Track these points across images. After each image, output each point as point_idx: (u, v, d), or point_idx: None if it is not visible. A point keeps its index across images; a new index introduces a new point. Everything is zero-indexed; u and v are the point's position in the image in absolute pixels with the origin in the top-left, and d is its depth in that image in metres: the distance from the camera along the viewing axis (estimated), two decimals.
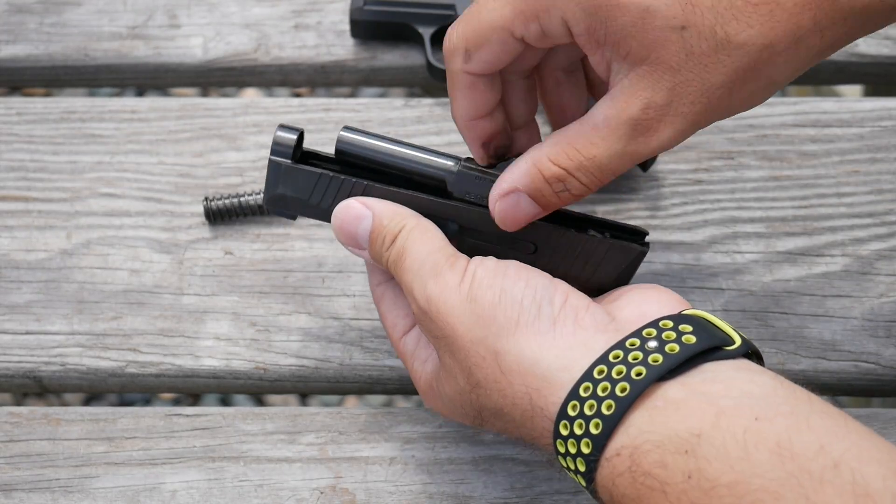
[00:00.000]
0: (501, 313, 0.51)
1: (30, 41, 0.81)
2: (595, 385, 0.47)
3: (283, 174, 0.58)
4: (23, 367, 0.68)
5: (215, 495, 0.63)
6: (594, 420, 0.46)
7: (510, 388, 0.50)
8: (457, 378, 0.53)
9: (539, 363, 0.49)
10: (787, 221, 0.72)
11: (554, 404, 0.48)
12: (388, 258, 0.56)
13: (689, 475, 0.43)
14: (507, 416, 0.51)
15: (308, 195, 0.58)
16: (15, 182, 0.75)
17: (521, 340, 0.50)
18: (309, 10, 0.82)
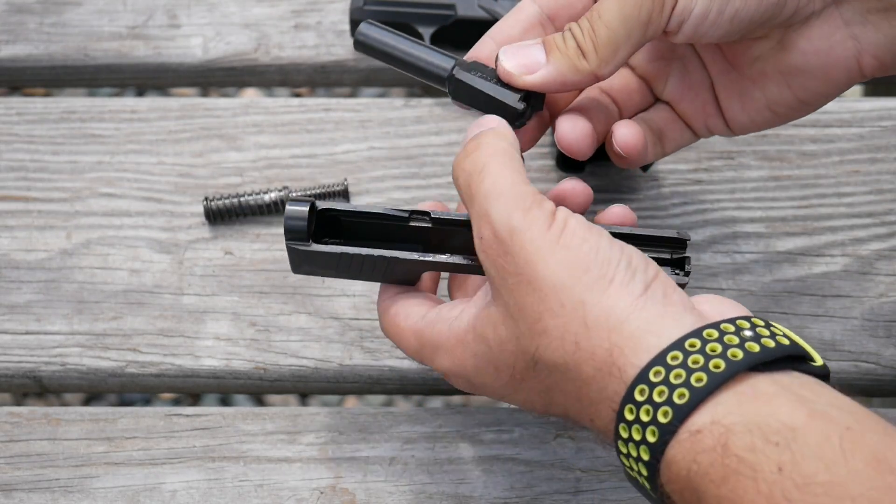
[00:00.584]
0: (596, 267, 0.48)
1: (30, 41, 0.81)
2: (686, 356, 0.45)
3: (305, 256, 0.57)
4: (23, 367, 0.68)
5: (215, 495, 0.63)
6: (679, 390, 0.45)
7: (588, 341, 0.47)
8: (517, 321, 0.50)
9: (628, 322, 0.47)
10: (787, 221, 0.72)
11: (634, 366, 0.46)
12: (465, 168, 0.52)
13: (779, 467, 0.42)
14: (570, 372, 0.48)
15: (334, 268, 0.58)
16: (15, 182, 0.75)
17: (612, 297, 0.48)
18: (309, 10, 0.82)
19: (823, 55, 0.56)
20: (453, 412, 0.66)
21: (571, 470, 0.64)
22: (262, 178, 0.74)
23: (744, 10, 0.53)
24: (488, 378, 0.53)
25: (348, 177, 0.74)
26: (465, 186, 0.52)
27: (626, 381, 0.47)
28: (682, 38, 0.54)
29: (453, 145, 0.75)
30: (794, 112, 0.59)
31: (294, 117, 0.77)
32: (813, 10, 0.55)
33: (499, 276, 0.50)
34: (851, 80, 0.57)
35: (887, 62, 0.56)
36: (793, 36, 0.56)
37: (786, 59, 0.57)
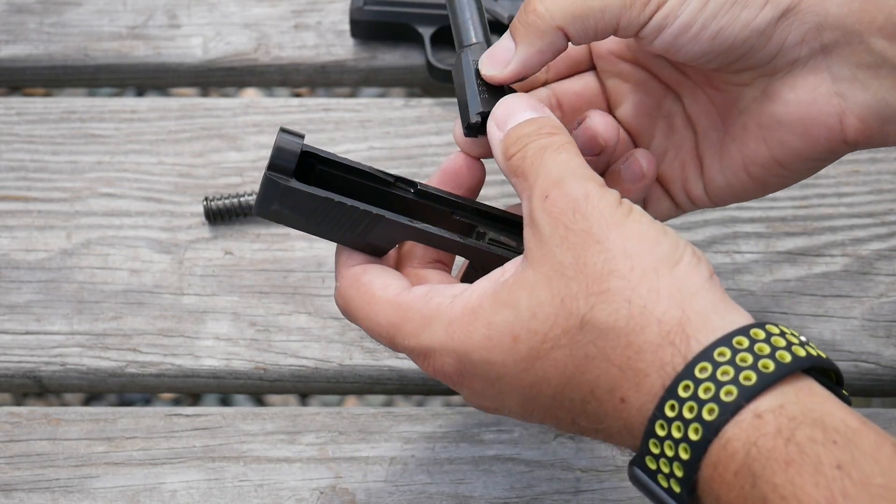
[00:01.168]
0: (667, 245, 0.48)
1: (30, 41, 0.81)
2: (752, 343, 0.45)
3: (282, 193, 0.52)
4: (23, 367, 0.68)
5: (215, 495, 0.63)
6: (746, 372, 0.44)
7: (658, 306, 0.46)
8: (569, 281, 0.48)
9: (698, 299, 0.46)
10: (787, 221, 0.72)
11: (699, 342, 0.46)
12: (538, 142, 0.51)
13: (838, 464, 0.42)
14: (625, 337, 0.47)
15: (307, 216, 0.53)
16: (15, 182, 0.75)
17: (682, 273, 0.47)
18: (309, 10, 0.82)
19: (805, 107, 0.54)
20: (453, 412, 0.66)
21: (571, 470, 0.64)
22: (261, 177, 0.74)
23: (728, 30, 0.52)
24: (497, 352, 0.49)
25: None
26: (535, 156, 0.51)
27: (687, 357, 0.46)
28: (658, 45, 0.53)
29: (453, 145, 0.75)
30: (769, 175, 0.57)
31: (294, 117, 0.77)
32: (798, 56, 0.53)
33: (558, 235, 0.48)
34: (831, 144, 0.54)
35: (871, 126, 0.53)
36: (777, 85, 0.54)
37: (768, 109, 0.55)
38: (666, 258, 0.48)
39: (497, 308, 0.49)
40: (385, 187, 0.54)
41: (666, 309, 0.46)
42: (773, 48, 0.53)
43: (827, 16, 0.52)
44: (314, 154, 0.53)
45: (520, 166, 0.51)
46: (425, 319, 0.51)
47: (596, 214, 0.48)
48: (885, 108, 0.53)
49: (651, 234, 0.48)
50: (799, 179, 0.57)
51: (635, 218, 0.49)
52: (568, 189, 0.49)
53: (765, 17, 0.52)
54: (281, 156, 0.51)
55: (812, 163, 0.56)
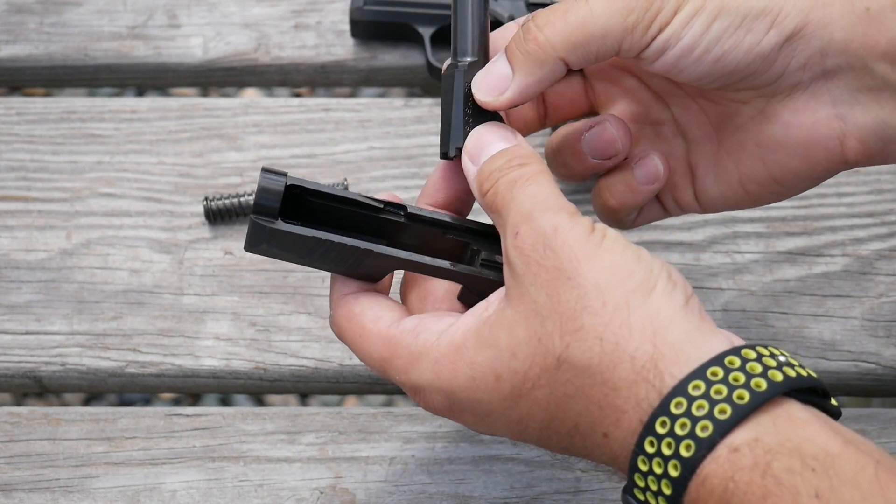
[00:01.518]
0: (641, 273, 0.47)
1: (30, 41, 0.81)
2: (726, 373, 0.45)
3: (269, 234, 0.52)
4: (23, 367, 0.68)
5: (215, 495, 0.63)
6: (720, 405, 0.44)
7: (630, 343, 0.46)
8: (544, 320, 0.48)
9: (671, 330, 0.46)
10: (787, 221, 0.72)
11: (672, 377, 0.45)
12: (508, 176, 0.50)
13: (817, 493, 0.42)
14: (601, 375, 0.47)
15: (295, 252, 0.53)
16: (15, 182, 0.75)
17: (657, 303, 0.47)
18: (309, 10, 0.82)
19: (806, 130, 0.53)
20: None
21: (571, 470, 0.64)
22: None
23: (731, 54, 0.51)
24: (482, 391, 0.50)
25: (348, 177, 0.74)
26: (505, 191, 0.50)
27: (662, 392, 0.46)
28: (659, 66, 0.52)
29: None
30: (765, 192, 0.56)
31: (294, 117, 0.77)
32: (800, 81, 0.53)
33: (530, 273, 0.48)
34: (831, 164, 0.54)
35: (871, 148, 0.53)
36: (777, 107, 0.54)
37: (767, 129, 0.55)
38: (638, 289, 0.47)
39: (479, 347, 0.49)
40: (375, 213, 0.54)
41: (638, 345, 0.46)
42: (775, 72, 0.52)
43: (831, 41, 0.51)
44: (301, 186, 0.53)
45: (493, 202, 0.51)
46: (413, 357, 0.51)
47: (565, 249, 0.48)
48: (885, 130, 0.52)
49: (623, 263, 0.48)
50: (794, 195, 0.57)
51: (607, 247, 0.48)
52: (536, 223, 0.49)
53: (769, 43, 0.51)
54: (264, 197, 0.51)
55: (810, 182, 0.56)
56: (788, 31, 0.51)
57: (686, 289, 0.48)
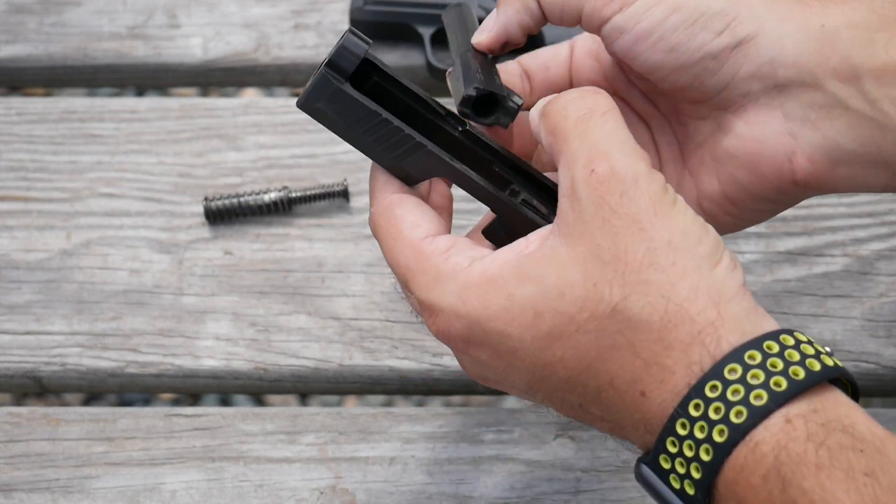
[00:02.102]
0: (709, 244, 0.47)
1: (30, 41, 0.81)
2: (782, 349, 0.45)
3: (332, 93, 0.50)
4: (23, 367, 0.68)
5: (215, 495, 0.63)
6: (776, 377, 0.44)
7: (695, 305, 0.46)
8: (604, 266, 0.47)
9: (734, 302, 0.46)
10: (787, 221, 0.72)
11: (729, 344, 0.45)
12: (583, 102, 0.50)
13: (866, 472, 0.42)
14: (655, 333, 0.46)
15: (349, 123, 0.51)
16: (15, 182, 0.75)
17: (721, 276, 0.47)
18: (309, 10, 0.82)
19: (757, 143, 0.53)
20: (453, 412, 0.66)
21: (571, 470, 0.64)
22: (262, 178, 0.74)
23: (684, 47, 0.52)
24: (515, 325, 0.48)
25: (348, 177, 0.74)
26: (579, 119, 0.49)
27: (716, 357, 0.45)
28: (618, 48, 0.53)
29: None
30: (720, 211, 0.56)
31: (294, 117, 0.77)
32: (750, 90, 0.53)
33: (600, 216, 0.47)
34: (780, 182, 0.54)
35: (820, 169, 0.52)
36: (731, 118, 0.54)
37: (722, 141, 0.55)
38: (707, 257, 0.47)
39: (520, 281, 0.48)
40: (434, 118, 0.53)
41: (702, 309, 0.46)
42: (725, 76, 0.53)
43: (783, 52, 0.52)
44: (373, 64, 0.52)
45: (559, 126, 0.50)
46: (439, 276, 0.49)
47: (645, 200, 0.47)
48: (835, 150, 0.52)
49: (695, 230, 0.48)
50: (751, 222, 0.57)
51: (680, 209, 0.48)
52: (618, 166, 0.47)
53: (720, 44, 0.52)
54: (343, 56, 0.50)
55: (762, 203, 0.55)
56: (741, 35, 0.52)
57: (742, 273, 0.48)
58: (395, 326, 0.69)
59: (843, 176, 0.53)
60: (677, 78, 0.53)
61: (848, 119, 0.51)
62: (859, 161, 0.52)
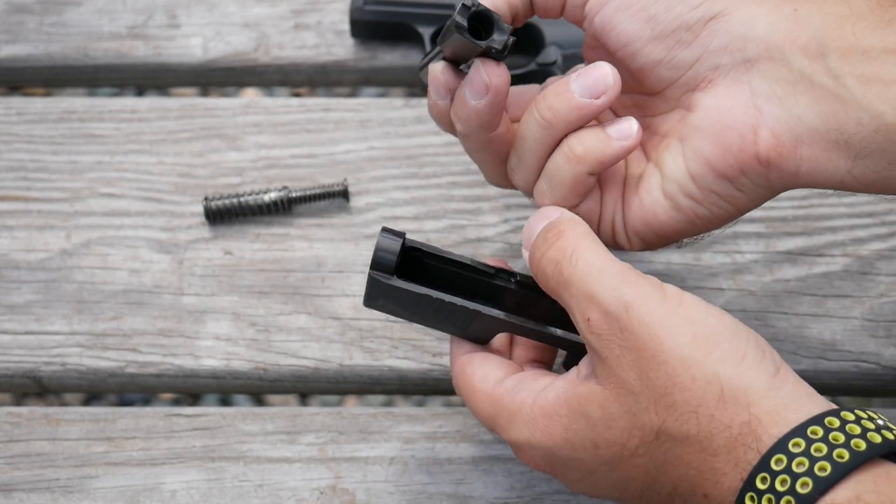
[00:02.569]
0: (727, 342, 0.49)
1: (30, 41, 0.81)
2: (826, 432, 0.47)
3: (384, 290, 0.56)
4: (23, 367, 0.68)
5: (215, 495, 0.63)
6: (821, 463, 0.46)
7: (724, 413, 0.48)
8: (637, 396, 0.49)
9: (767, 399, 0.48)
10: (787, 221, 0.72)
11: (771, 437, 0.47)
12: (546, 254, 0.53)
13: None
14: (699, 444, 0.49)
15: (409, 308, 0.57)
16: (15, 182, 0.75)
17: (748, 373, 0.49)
18: (309, 10, 0.82)
19: (722, 113, 0.54)
20: (453, 412, 0.66)
21: None
22: (262, 178, 0.74)
23: (662, 17, 0.54)
24: (581, 453, 0.52)
25: (348, 177, 0.74)
26: (554, 274, 0.52)
27: (762, 451, 0.47)
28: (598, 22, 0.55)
29: (453, 145, 0.75)
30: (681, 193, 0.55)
31: (294, 117, 0.77)
32: (720, 63, 0.54)
33: (613, 356, 0.50)
34: (743, 155, 0.53)
35: (784, 144, 0.53)
36: (698, 95, 0.55)
37: (688, 119, 0.55)
38: (727, 358, 0.49)
39: (572, 416, 0.52)
40: (486, 278, 0.58)
41: (733, 415, 0.48)
42: (697, 49, 0.54)
43: (755, 29, 0.54)
44: (417, 248, 0.57)
45: (552, 289, 0.53)
46: (511, 415, 0.54)
47: (642, 328, 0.49)
48: (798, 126, 0.53)
49: (706, 333, 0.49)
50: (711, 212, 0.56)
51: (685, 315, 0.50)
52: (604, 306, 0.50)
53: (695, 15, 0.54)
54: (381, 257, 0.55)
55: (723, 183, 0.55)
56: (716, 10, 0.54)
57: (775, 357, 0.50)
58: (395, 326, 0.69)
59: (805, 156, 0.53)
60: (652, 49, 0.55)
61: (812, 95, 0.52)
62: (821, 140, 0.52)
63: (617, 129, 0.55)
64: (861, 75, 0.51)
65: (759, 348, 0.50)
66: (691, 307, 0.50)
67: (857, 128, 0.51)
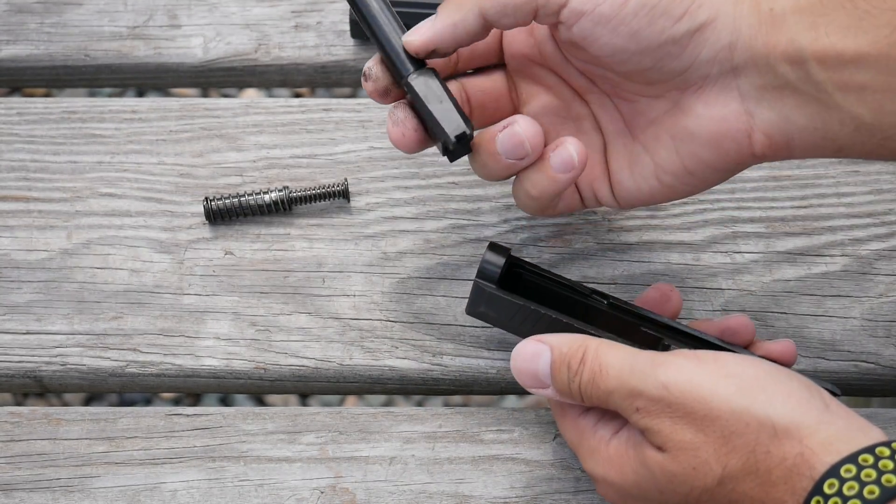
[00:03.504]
0: (771, 385, 0.52)
1: (30, 41, 0.81)
2: (876, 460, 0.49)
3: (487, 298, 0.60)
4: (23, 367, 0.68)
5: (215, 495, 0.63)
6: (869, 486, 0.48)
7: (780, 448, 0.51)
8: (696, 452, 0.52)
9: (818, 432, 0.51)
10: (786, 221, 0.72)
11: (824, 464, 0.50)
12: (581, 382, 0.56)
13: None
14: (759, 478, 0.52)
15: (509, 318, 0.61)
16: (15, 182, 0.75)
17: (798, 411, 0.51)
18: (309, 10, 0.82)
19: (717, 122, 0.56)
20: (453, 412, 0.66)
21: (571, 470, 0.64)
22: (262, 178, 0.74)
23: (645, 32, 0.53)
24: (650, 494, 0.55)
25: (348, 177, 0.74)
26: (596, 392, 0.55)
27: (815, 477, 0.50)
28: (577, 32, 0.54)
29: None
30: (680, 183, 0.58)
31: (294, 117, 0.77)
32: (709, 73, 0.55)
33: (666, 427, 0.53)
34: (741, 156, 0.56)
35: (777, 142, 0.55)
36: (690, 99, 0.56)
37: (681, 121, 0.56)
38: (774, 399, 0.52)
39: (639, 464, 0.55)
40: (581, 298, 0.62)
41: (788, 448, 0.51)
42: (686, 61, 0.54)
43: (739, 37, 0.54)
44: (520, 265, 0.62)
45: (599, 404, 0.56)
46: (591, 449, 0.57)
47: (686, 397, 0.52)
48: (788, 126, 0.55)
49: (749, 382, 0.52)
50: (707, 187, 0.59)
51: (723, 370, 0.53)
52: (647, 394, 0.53)
53: (680, 28, 0.53)
54: (487, 267, 0.60)
55: (721, 173, 0.58)
56: (700, 20, 0.54)
57: (823, 395, 0.53)
58: (395, 326, 0.69)
59: (797, 148, 0.56)
60: (639, 60, 0.55)
61: (797, 99, 0.54)
62: (810, 136, 0.55)
63: (560, 163, 0.57)
64: (839, 81, 0.52)
65: (805, 387, 0.52)
66: (728, 363, 0.53)
67: (840, 127, 0.53)
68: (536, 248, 0.71)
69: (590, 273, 0.70)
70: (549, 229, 0.72)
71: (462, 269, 0.70)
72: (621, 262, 0.71)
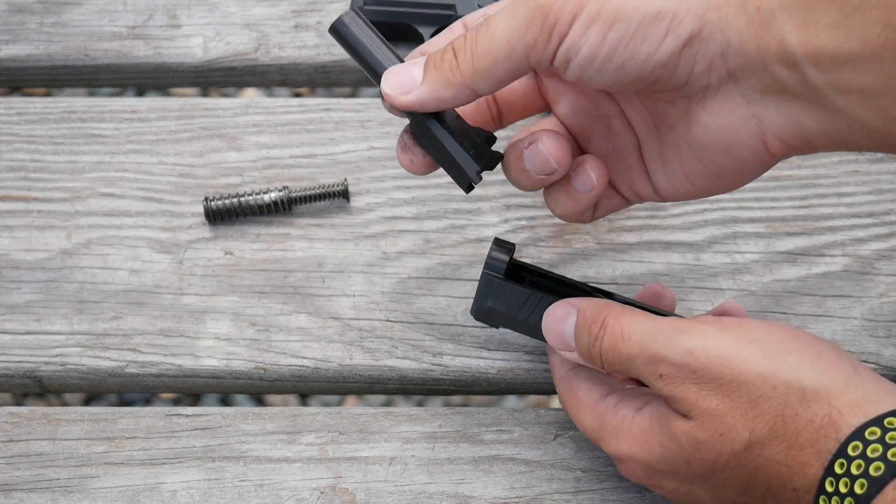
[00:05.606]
0: (798, 349, 0.52)
1: (30, 41, 0.81)
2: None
3: (495, 289, 0.61)
4: (23, 367, 0.68)
5: (215, 495, 0.63)
6: (893, 449, 0.48)
7: (808, 411, 0.51)
8: (723, 418, 0.52)
9: (847, 394, 0.51)
10: (787, 221, 0.72)
11: (849, 426, 0.50)
12: (602, 347, 0.56)
13: None
14: (786, 441, 0.52)
15: (516, 310, 0.61)
16: (15, 182, 0.75)
17: (827, 373, 0.51)
18: (309, 10, 0.82)
19: (725, 131, 0.53)
20: (453, 412, 0.66)
21: (571, 470, 0.64)
22: (262, 178, 0.74)
23: (631, 63, 0.51)
24: (676, 467, 0.55)
25: (348, 177, 0.74)
26: (617, 357, 0.56)
27: (840, 439, 0.50)
28: (570, 75, 0.53)
29: None
30: (712, 186, 0.57)
31: (294, 117, 0.77)
32: (708, 84, 0.52)
33: (692, 395, 0.53)
34: (761, 160, 0.54)
35: (794, 143, 0.53)
36: (695, 108, 0.54)
37: (692, 130, 0.55)
38: (802, 361, 0.52)
39: (665, 437, 0.55)
40: (585, 295, 0.62)
41: (817, 410, 0.51)
42: (681, 76, 0.52)
43: (729, 44, 0.51)
44: (523, 266, 0.63)
45: (618, 370, 0.56)
46: (614, 430, 0.57)
47: (713, 363, 0.52)
48: (801, 128, 0.52)
49: (776, 345, 0.52)
50: (744, 184, 0.57)
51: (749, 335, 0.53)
52: (670, 360, 0.53)
53: (666, 50, 0.51)
54: (493, 260, 0.61)
55: (749, 174, 0.56)
56: (685, 36, 0.51)
57: (852, 358, 0.53)
58: (395, 326, 0.69)
59: (819, 145, 0.53)
60: (638, 85, 0.53)
61: (803, 103, 0.51)
62: (827, 140, 0.52)
63: (580, 183, 0.57)
64: (838, 85, 0.49)
65: (833, 350, 0.52)
66: (753, 327, 0.53)
67: (851, 132, 0.51)
68: (536, 248, 0.71)
69: (590, 273, 0.70)
70: (549, 229, 0.72)
71: (462, 269, 0.70)
72: (621, 262, 0.71)
